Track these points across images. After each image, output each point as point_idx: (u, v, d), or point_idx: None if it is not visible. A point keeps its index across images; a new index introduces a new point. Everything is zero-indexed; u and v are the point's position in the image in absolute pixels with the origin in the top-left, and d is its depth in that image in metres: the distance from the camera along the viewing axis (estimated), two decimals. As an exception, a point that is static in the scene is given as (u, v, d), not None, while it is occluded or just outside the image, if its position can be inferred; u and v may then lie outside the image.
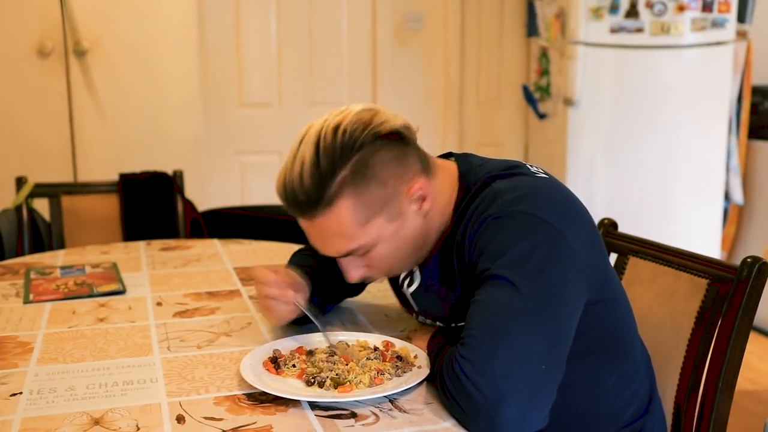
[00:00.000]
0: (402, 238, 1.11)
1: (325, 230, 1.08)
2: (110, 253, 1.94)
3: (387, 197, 1.08)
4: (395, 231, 1.10)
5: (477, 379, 0.93)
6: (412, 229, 1.12)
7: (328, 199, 1.05)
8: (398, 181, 1.09)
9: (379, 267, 1.15)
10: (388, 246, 1.11)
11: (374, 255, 1.12)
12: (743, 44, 3.35)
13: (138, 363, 1.19)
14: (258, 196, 3.72)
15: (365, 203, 1.06)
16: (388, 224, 1.09)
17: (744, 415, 2.54)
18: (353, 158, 1.05)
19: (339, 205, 1.05)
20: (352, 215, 1.06)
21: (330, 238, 1.09)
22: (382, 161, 1.07)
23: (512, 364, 0.94)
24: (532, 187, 1.09)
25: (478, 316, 1.00)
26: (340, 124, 1.06)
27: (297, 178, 1.06)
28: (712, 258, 1.29)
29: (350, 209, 1.06)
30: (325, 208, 1.05)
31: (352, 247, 1.10)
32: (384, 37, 3.78)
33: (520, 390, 0.93)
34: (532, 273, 0.99)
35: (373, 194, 1.06)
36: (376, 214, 1.08)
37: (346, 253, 1.11)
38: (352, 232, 1.08)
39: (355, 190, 1.05)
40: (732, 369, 1.21)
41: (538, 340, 0.96)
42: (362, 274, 1.16)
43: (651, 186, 3.32)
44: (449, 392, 0.98)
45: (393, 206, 1.09)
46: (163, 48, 3.23)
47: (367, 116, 1.07)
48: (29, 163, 3.00)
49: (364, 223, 1.07)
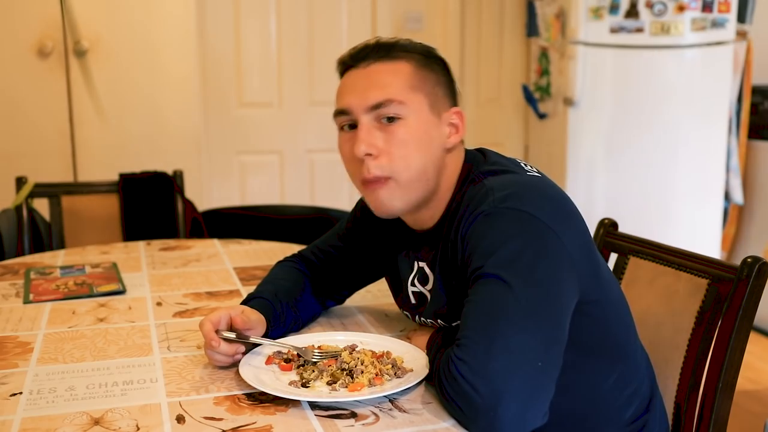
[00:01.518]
0: (426, 137, 1.13)
1: (376, 76, 1.13)
2: (110, 253, 1.94)
3: (437, 92, 1.16)
4: (427, 123, 1.13)
5: (474, 380, 0.93)
6: (436, 140, 1.14)
7: (394, 54, 1.15)
8: (446, 96, 1.18)
9: (390, 153, 1.11)
10: (414, 130, 1.12)
11: (397, 129, 1.11)
12: (743, 44, 3.35)
13: (138, 363, 1.18)
14: (258, 196, 3.72)
15: (421, 78, 1.14)
16: (427, 110, 1.14)
17: (744, 415, 2.54)
18: (422, 53, 1.17)
19: (401, 62, 1.14)
20: (408, 75, 1.13)
21: (376, 84, 1.13)
22: (440, 73, 1.18)
23: (508, 364, 0.94)
24: (522, 184, 1.09)
25: (472, 316, 1.00)
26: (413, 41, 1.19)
27: (374, 38, 1.18)
28: (712, 258, 1.29)
29: (408, 70, 1.14)
30: (389, 59, 1.14)
31: (390, 96, 1.11)
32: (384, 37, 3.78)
33: (518, 388, 0.93)
34: (524, 270, 0.99)
35: (429, 80, 1.15)
36: (425, 93, 1.14)
37: (380, 102, 1.11)
38: (399, 86, 1.12)
39: (418, 65, 1.15)
40: (732, 369, 1.21)
41: (532, 337, 0.96)
42: (372, 150, 1.11)
43: (651, 186, 3.32)
44: (447, 393, 0.98)
45: (438, 102, 1.16)
46: (163, 48, 3.23)
47: None
48: (29, 163, 3.00)
49: (413, 88, 1.13)
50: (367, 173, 1.12)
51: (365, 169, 1.12)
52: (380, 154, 1.12)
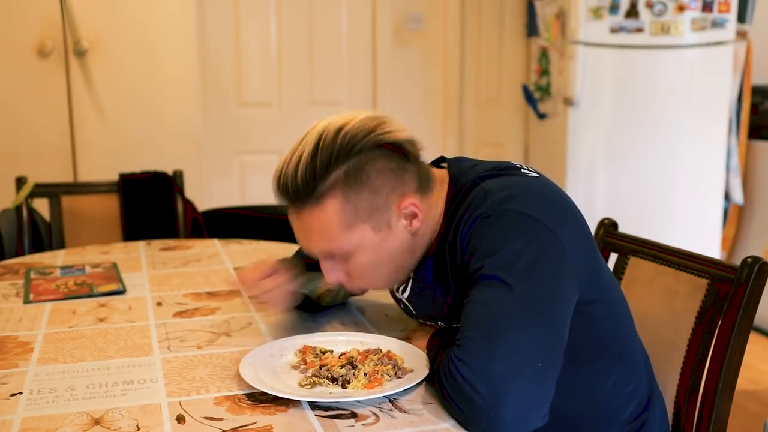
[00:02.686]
0: (385, 250, 1.11)
1: (310, 226, 1.09)
2: (110, 253, 1.94)
3: (376, 207, 1.08)
4: (379, 242, 1.10)
5: (475, 381, 0.93)
6: (397, 244, 1.11)
7: (317, 195, 1.05)
8: (391, 193, 1.09)
9: (358, 276, 1.14)
10: (370, 256, 1.10)
11: (354, 262, 1.11)
12: (743, 44, 3.35)
13: (138, 363, 1.18)
14: (258, 196, 3.72)
15: (353, 207, 1.07)
16: (373, 234, 1.09)
17: (744, 415, 2.54)
18: (350, 161, 1.05)
19: (327, 204, 1.06)
20: (338, 216, 1.06)
21: (313, 235, 1.10)
22: (378, 170, 1.07)
23: (509, 365, 0.94)
24: (522, 186, 1.08)
25: (472, 317, 1.00)
26: (343, 126, 1.06)
27: (292, 169, 1.06)
28: (712, 258, 1.29)
29: (337, 210, 1.06)
30: (314, 203, 1.06)
31: (332, 248, 1.10)
32: (384, 37, 3.78)
33: (519, 390, 0.93)
34: (524, 271, 0.99)
35: (362, 200, 1.07)
36: (363, 220, 1.08)
37: (326, 253, 1.11)
38: (336, 233, 1.08)
39: (346, 192, 1.06)
40: (732, 369, 1.21)
41: (533, 338, 0.96)
42: (341, 279, 1.15)
43: (651, 186, 3.32)
44: (448, 394, 0.98)
45: (381, 217, 1.09)
46: (162, 48, 3.23)
47: (372, 123, 1.07)
48: (29, 163, 3.00)
49: (348, 226, 1.07)
50: (349, 288, 1.19)
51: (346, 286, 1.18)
52: (350, 279, 1.15)
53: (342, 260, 1.12)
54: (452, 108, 3.90)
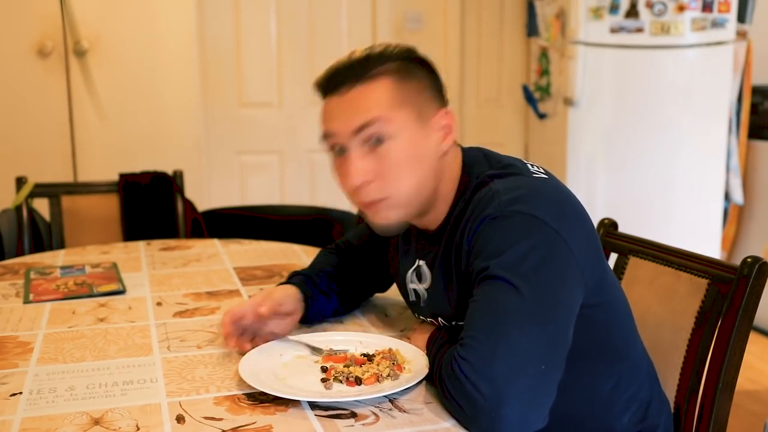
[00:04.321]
0: (418, 150, 1.10)
1: (357, 102, 1.09)
2: (110, 253, 1.94)
3: (423, 99, 1.12)
4: (416, 137, 1.11)
5: (477, 380, 0.93)
6: (429, 151, 1.12)
7: (372, 74, 1.10)
8: (432, 99, 1.14)
9: (383, 175, 1.09)
10: (404, 148, 1.09)
11: (387, 150, 1.09)
12: (743, 44, 3.35)
13: (138, 363, 1.19)
14: (258, 196, 3.72)
15: (404, 91, 1.10)
16: (415, 123, 1.11)
17: (744, 415, 2.54)
18: (400, 60, 1.12)
19: (380, 81, 1.10)
20: (390, 92, 1.09)
21: (359, 108, 1.09)
22: (423, 76, 1.14)
23: (512, 365, 0.93)
24: (529, 187, 1.08)
25: (477, 316, 1.00)
26: (390, 44, 1.14)
27: (346, 58, 1.13)
28: (712, 258, 1.29)
29: (389, 87, 1.10)
30: (367, 80, 1.10)
31: (376, 115, 1.08)
32: (384, 37, 3.78)
33: (521, 391, 0.93)
34: (530, 273, 0.99)
35: (412, 89, 1.11)
36: (410, 105, 1.10)
37: (366, 123, 1.08)
38: (383, 105, 1.09)
39: (398, 77, 1.11)
40: (732, 369, 1.21)
41: (537, 340, 0.96)
42: (366, 177, 1.10)
43: (651, 186, 3.32)
44: (449, 393, 0.98)
45: (425, 110, 1.12)
46: (163, 48, 3.23)
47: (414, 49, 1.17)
48: (29, 163, 3.00)
49: (394, 106, 1.09)
50: (365, 197, 1.12)
51: (363, 194, 1.12)
52: (374, 179, 1.10)
53: (373, 148, 1.09)
54: (452, 108, 3.88)
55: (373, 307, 1.46)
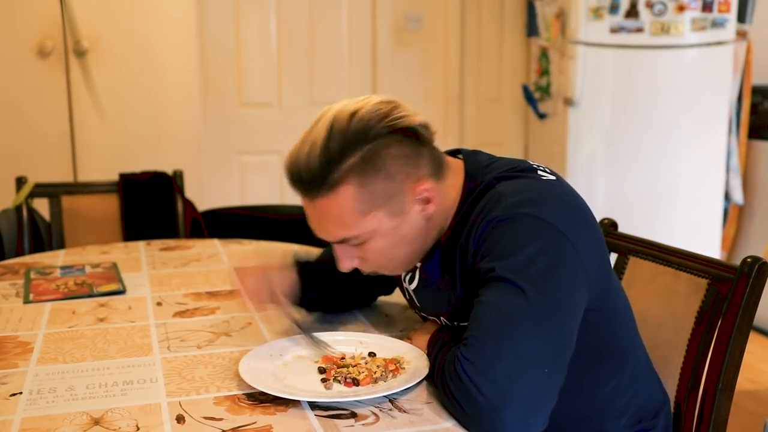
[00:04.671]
0: (400, 235, 1.10)
1: (324, 214, 1.07)
2: (110, 253, 1.94)
3: (391, 192, 1.06)
4: (394, 227, 1.09)
5: (480, 381, 0.93)
6: (411, 229, 1.10)
7: (331, 182, 1.03)
8: (406, 178, 1.07)
9: (372, 261, 1.13)
10: (385, 241, 1.10)
11: (369, 247, 1.10)
12: (743, 44, 3.35)
13: (138, 363, 1.19)
14: (258, 196, 3.72)
15: (368, 194, 1.05)
16: (388, 219, 1.08)
17: (744, 415, 2.54)
18: (364, 147, 1.03)
19: (341, 191, 1.04)
20: (353, 203, 1.05)
21: (327, 222, 1.08)
22: (393, 155, 1.05)
23: (515, 368, 0.93)
24: (538, 190, 1.07)
25: (481, 318, 0.99)
26: (357, 111, 1.05)
27: (305, 156, 1.04)
28: (712, 258, 1.29)
29: (352, 197, 1.04)
30: (328, 191, 1.04)
31: (347, 235, 1.08)
32: (384, 37, 3.78)
33: (523, 394, 0.93)
34: (537, 277, 0.99)
35: (377, 187, 1.05)
36: (378, 207, 1.06)
37: (341, 240, 1.10)
38: (351, 220, 1.06)
39: (361, 179, 1.04)
40: (732, 369, 1.21)
41: (541, 344, 0.96)
42: (354, 265, 1.14)
43: (651, 186, 3.32)
44: (450, 392, 0.97)
45: (396, 202, 1.07)
46: (163, 48, 3.23)
47: (385, 108, 1.06)
48: (29, 163, 3.00)
49: (364, 213, 1.06)
50: (363, 271, 1.17)
51: (360, 269, 1.16)
52: (364, 263, 1.14)
53: (356, 246, 1.11)
54: (452, 108, 3.90)
55: (373, 307, 1.47)
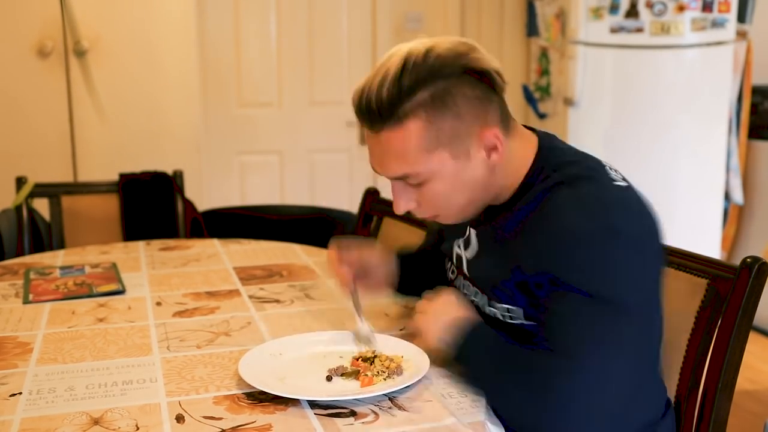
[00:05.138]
0: (461, 180, 1.06)
1: (388, 147, 1.05)
2: (110, 253, 1.94)
3: (459, 133, 1.04)
4: (457, 170, 1.06)
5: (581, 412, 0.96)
6: (473, 176, 1.07)
7: (400, 114, 1.02)
8: (475, 121, 1.04)
9: (429, 205, 1.10)
10: (444, 184, 1.06)
11: (428, 189, 1.07)
12: (743, 44, 3.35)
13: (137, 363, 1.19)
14: (258, 196, 3.72)
15: (435, 131, 1.03)
16: (452, 161, 1.05)
17: (744, 415, 2.54)
18: (437, 83, 1.01)
19: (409, 125, 1.02)
20: (419, 139, 1.03)
21: (389, 156, 1.05)
22: (464, 95, 1.03)
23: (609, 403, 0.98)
24: (622, 202, 1.07)
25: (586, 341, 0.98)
26: (433, 48, 1.02)
27: (376, 86, 1.02)
28: (711, 258, 1.29)
29: (419, 132, 1.02)
30: (395, 123, 1.02)
31: (408, 172, 1.05)
32: (384, 37, 3.78)
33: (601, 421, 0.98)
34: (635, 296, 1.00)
35: (445, 124, 1.03)
36: (443, 145, 1.04)
37: (401, 176, 1.07)
38: (414, 156, 1.03)
39: (429, 115, 1.02)
40: (732, 369, 1.21)
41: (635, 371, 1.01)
42: (410, 207, 1.11)
43: (651, 186, 3.27)
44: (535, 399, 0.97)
45: (462, 144, 1.05)
46: (163, 48, 3.23)
47: (462, 48, 1.04)
48: (29, 163, 3.00)
49: (428, 150, 1.03)
50: (417, 216, 1.13)
51: (414, 214, 1.13)
52: (419, 206, 1.11)
53: (415, 186, 1.08)
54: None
55: (373, 307, 1.46)
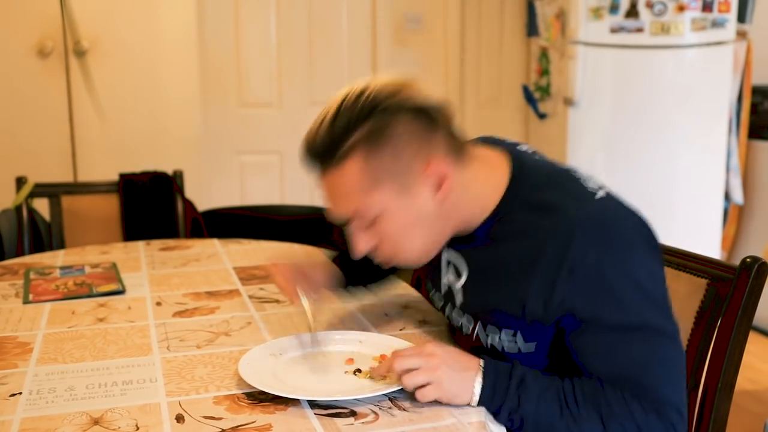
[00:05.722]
0: (410, 217, 1.07)
1: (334, 189, 1.07)
2: (110, 253, 1.94)
3: (398, 170, 1.04)
4: (403, 207, 1.06)
5: None
6: (424, 212, 1.07)
7: (339, 156, 1.04)
8: (414, 157, 1.04)
9: (385, 245, 1.10)
10: (395, 222, 1.07)
11: (381, 228, 1.08)
12: (743, 44, 3.35)
13: (137, 363, 1.19)
14: (258, 196, 3.72)
15: (374, 170, 1.04)
16: (396, 198, 1.05)
17: (744, 415, 2.54)
18: (370, 122, 1.03)
19: (347, 165, 1.04)
20: (359, 178, 1.04)
21: (336, 197, 1.08)
22: (400, 133, 1.03)
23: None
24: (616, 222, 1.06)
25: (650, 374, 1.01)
26: (367, 87, 1.05)
27: (315, 131, 1.06)
28: (711, 258, 1.29)
29: (357, 172, 1.04)
30: (335, 165, 1.05)
31: (354, 210, 1.07)
32: (384, 37, 3.78)
33: None
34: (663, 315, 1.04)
35: (384, 162, 1.04)
36: (384, 184, 1.04)
37: (350, 216, 1.08)
38: (356, 195, 1.05)
39: (366, 153, 1.03)
40: (732, 369, 1.21)
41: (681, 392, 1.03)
42: (369, 248, 1.11)
43: (651, 186, 3.32)
44: None
45: (405, 180, 1.05)
46: (163, 48, 3.23)
47: (397, 86, 1.06)
48: (29, 163, 3.00)
49: (369, 189, 1.04)
50: (379, 259, 1.13)
51: (375, 257, 1.13)
52: (378, 248, 1.11)
53: (368, 226, 1.08)
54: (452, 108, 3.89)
55: (373, 307, 1.47)
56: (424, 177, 1.05)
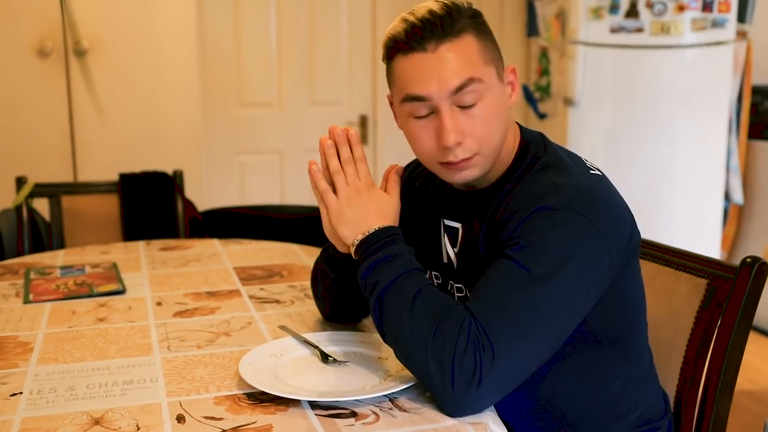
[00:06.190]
0: (502, 106, 1.11)
1: (449, 58, 1.06)
2: (110, 253, 1.94)
3: (498, 59, 1.12)
4: (500, 92, 1.11)
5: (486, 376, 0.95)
6: (505, 108, 1.13)
7: (457, 29, 1.07)
8: (501, 56, 1.14)
9: (475, 134, 1.09)
10: (494, 104, 1.09)
11: (479, 110, 1.08)
12: (743, 44, 3.35)
13: (138, 363, 1.19)
14: (258, 196, 3.72)
15: (485, 48, 1.10)
16: (497, 80, 1.11)
17: (744, 415, 2.54)
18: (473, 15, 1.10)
19: (465, 38, 1.08)
20: (477, 49, 1.08)
21: (452, 66, 1.06)
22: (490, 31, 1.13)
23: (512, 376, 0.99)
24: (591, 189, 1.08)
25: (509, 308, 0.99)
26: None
27: (426, 11, 1.08)
28: (711, 258, 1.29)
29: (475, 44, 1.08)
30: (453, 37, 1.07)
31: (473, 75, 1.07)
32: (384, 37, 3.78)
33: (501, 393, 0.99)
34: (567, 276, 1.00)
35: (489, 44, 1.11)
36: (491, 63, 1.10)
37: (464, 83, 1.06)
38: (476, 61, 1.08)
39: (478, 34, 1.09)
40: (731, 369, 1.21)
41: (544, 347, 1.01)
42: (459, 137, 1.09)
43: (651, 186, 3.32)
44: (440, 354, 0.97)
45: (500, 70, 1.12)
46: (163, 48, 3.23)
47: None
48: (29, 163, 3.00)
49: (485, 61, 1.09)
50: (454, 158, 1.11)
51: (452, 155, 1.10)
52: (466, 137, 1.10)
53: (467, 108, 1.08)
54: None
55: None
56: (506, 74, 1.14)
